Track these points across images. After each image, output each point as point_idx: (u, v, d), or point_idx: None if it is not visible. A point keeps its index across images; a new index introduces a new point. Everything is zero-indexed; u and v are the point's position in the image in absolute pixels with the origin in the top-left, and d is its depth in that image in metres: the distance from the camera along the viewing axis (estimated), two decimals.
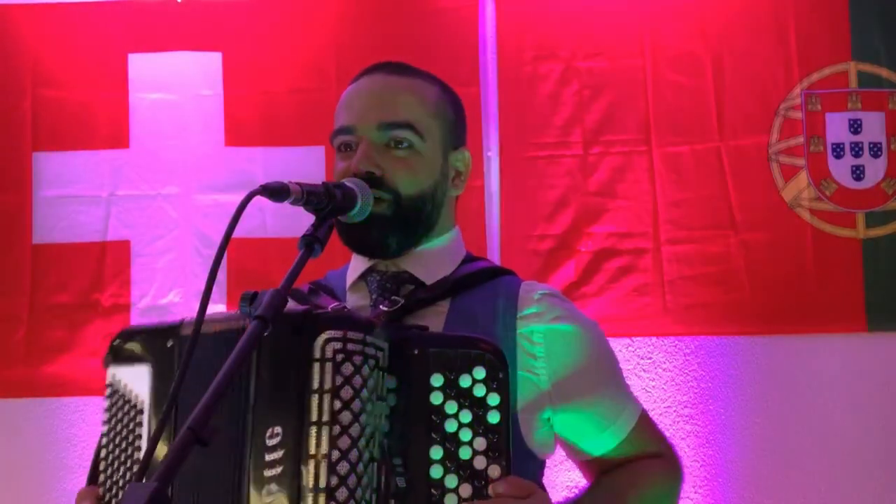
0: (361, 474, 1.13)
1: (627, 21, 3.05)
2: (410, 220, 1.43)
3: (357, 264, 1.49)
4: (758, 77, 3.02)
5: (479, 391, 1.20)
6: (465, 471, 1.18)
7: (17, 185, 3.05)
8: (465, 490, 1.18)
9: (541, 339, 1.40)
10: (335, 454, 1.11)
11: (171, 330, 1.35)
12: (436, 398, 1.20)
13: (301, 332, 1.16)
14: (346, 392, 1.13)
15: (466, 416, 1.19)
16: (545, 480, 1.45)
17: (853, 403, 2.93)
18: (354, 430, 1.12)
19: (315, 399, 1.13)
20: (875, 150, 2.99)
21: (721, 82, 3.02)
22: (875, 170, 2.99)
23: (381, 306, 1.38)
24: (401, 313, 1.37)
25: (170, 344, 1.33)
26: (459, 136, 1.54)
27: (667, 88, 3.03)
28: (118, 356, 1.37)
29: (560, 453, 1.50)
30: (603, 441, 1.45)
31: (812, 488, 2.91)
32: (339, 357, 1.14)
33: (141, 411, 1.32)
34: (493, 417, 1.19)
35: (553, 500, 1.30)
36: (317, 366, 1.14)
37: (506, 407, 1.20)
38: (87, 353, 3.00)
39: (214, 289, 1.10)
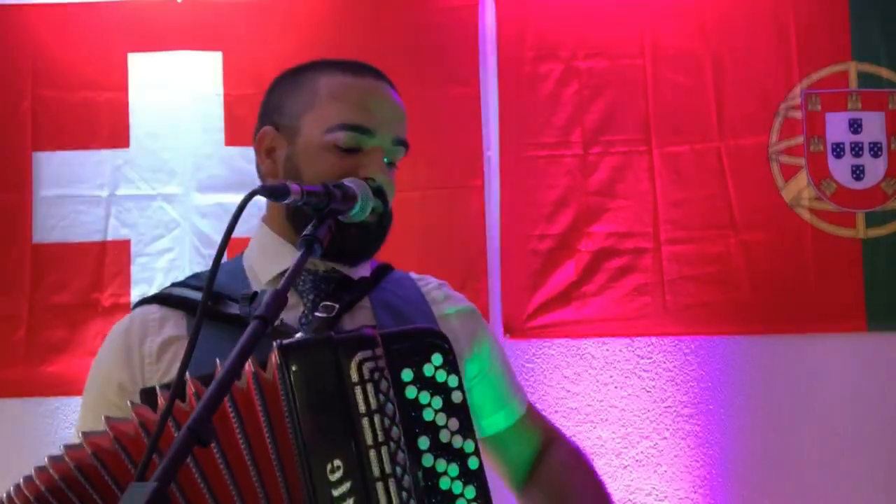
0: (416, 483, 1.17)
1: (627, 21, 3.05)
2: (386, 231, 1.46)
3: (274, 259, 1.44)
4: (758, 77, 3.02)
5: (441, 376, 1.24)
6: (449, 452, 1.22)
7: (17, 184, 3.05)
8: (454, 469, 1.21)
9: (455, 321, 1.49)
10: (398, 470, 1.14)
11: None
12: (410, 392, 1.22)
13: (331, 360, 1.17)
14: (389, 409, 1.16)
15: (437, 403, 1.23)
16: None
17: (853, 403, 2.93)
18: (403, 442, 1.16)
19: (366, 422, 1.15)
20: (875, 150, 2.99)
21: (721, 82, 3.02)
22: (875, 170, 2.99)
23: (316, 313, 1.37)
24: (338, 316, 1.39)
25: None
26: None
27: (667, 88, 3.03)
28: None
29: None
30: (500, 418, 1.55)
31: (812, 488, 2.91)
32: (376, 376, 1.17)
33: None
34: (457, 397, 1.24)
35: None
36: (358, 389, 1.16)
37: (462, 385, 1.25)
38: (87, 353, 3.00)
39: None
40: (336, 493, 1.13)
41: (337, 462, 1.14)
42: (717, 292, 2.97)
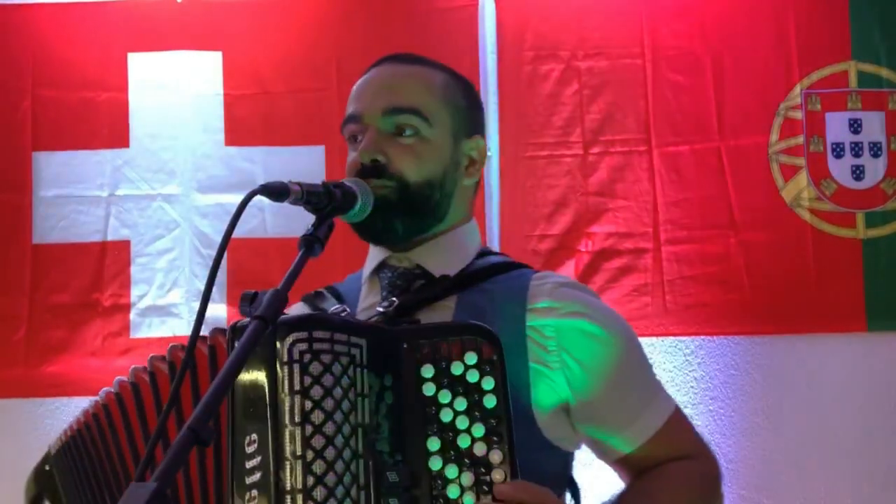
0: (342, 472, 1.12)
1: (627, 21, 3.05)
2: (417, 205, 1.40)
3: (371, 258, 1.48)
4: (758, 77, 3.02)
5: (473, 377, 1.19)
6: (465, 459, 1.17)
7: (17, 185, 3.05)
8: (467, 479, 1.16)
9: (553, 332, 1.35)
10: (309, 454, 1.11)
11: (46, 458, 1.47)
12: (428, 389, 1.19)
13: (268, 339, 1.14)
14: (317, 391, 1.13)
15: (461, 404, 1.18)
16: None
17: (853, 403, 2.93)
18: (328, 428, 1.12)
19: (286, 401, 1.13)
20: (875, 150, 2.99)
21: (721, 82, 3.02)
22: (875, 170, 2.99)
23: (378, 308, 1.37)
24: (403, 312, 1.35)
25: (47, 468, 1.45)
26: (473, 123, 1.51)
27: (667, 88, 3.03)
28: (28, 499, 1.49)
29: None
30: (627, 438, 1.38)
31: (812, 488, 2.91)
32: (307, 357, 1.14)
33: None
34: (490, 402, 1.18)
35: None
36: (285, 368, 1.14)
37: (502, 390, 1.18)
38: (87, 353, 3.00)
39: (214, 289, 1.10)
40: (248, 464, 1.14)
41: (253, 436, 1.14)
42: (718, 292, 2.97)
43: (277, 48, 3.07)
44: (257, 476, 1.13)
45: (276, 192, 1.18)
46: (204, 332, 1.16)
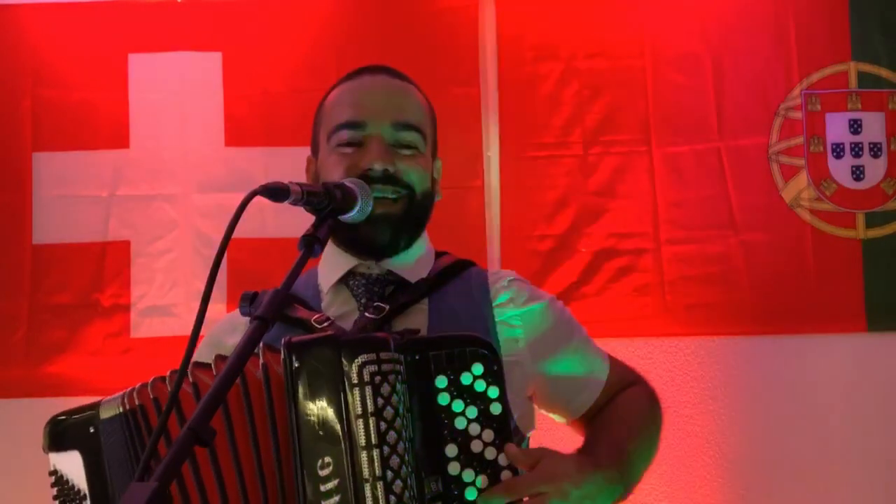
0: (412, 487, 1.17)
1: (627, 21, 3.05)
2: (418, 218, 1.49)
3: (335, 267, 1.50)
4: (758, 77, 3.02)
5: (480, 386, 1.24)
6: (479, 463, 1.22)
7: (17, 185, 3.05)
8: (483, 481, 1.22)
9: (518, 321, 1.48)
10: (389, 474, 1.15)
11: (91, 418, 1.36)
12: (443, 399, 1.23)
13: (333, 360, 1.17)
14: (389, 412, 1.17)
15: (472, 412, 1.23)
16: None
17: (853, 403, 2.93)
18: (400, 447, 1.16)
19: (360, 423, 1.16)
20: (875, 150, 2.99)
21: (721, 82, 3.02)
22: (875, 170, 2.99)
23: (366, 314, 1.39)
24: (389, 317, 1.40)
25: (91, 430, 1.35)
26: (437, 145, 1.61)
27: (667, 88, 3.03)
28: (53, 443, 1.38)
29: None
30: (588, 395, 1.54)
31: (812, 488, 2.91)
32: (377, 379, 1.17)
33: (85, 497, 1.34)
34: (496, 408, 1.24)
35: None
36: (357, 390, 1.16)
37: (504, 397, 1.25)
38: (87, 353, 3.00)
39: (214, 289, 1.10)
40: (324, 488, 1.15)
41: (327, 459, 1.16)
42: (718, 293, 2.97)
43: (277, 48, 3.07)
44: (336, 498, 1.15)
45: (276, 192, 1.19)
46: (204, 331, 1.16)
